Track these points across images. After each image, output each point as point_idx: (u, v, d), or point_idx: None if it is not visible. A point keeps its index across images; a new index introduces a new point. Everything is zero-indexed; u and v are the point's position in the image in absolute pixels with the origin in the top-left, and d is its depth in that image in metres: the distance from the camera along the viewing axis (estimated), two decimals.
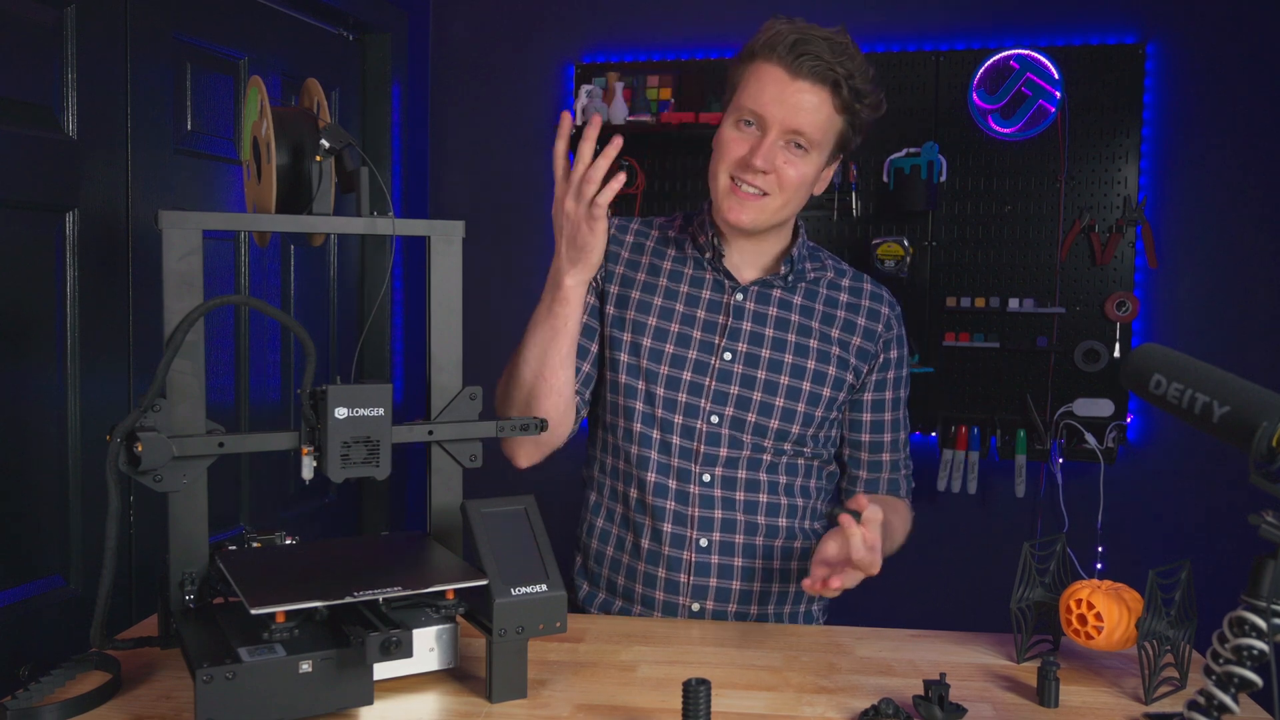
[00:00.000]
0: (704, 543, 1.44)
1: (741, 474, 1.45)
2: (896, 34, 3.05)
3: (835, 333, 1.48)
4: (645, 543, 1.46)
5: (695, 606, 1.44)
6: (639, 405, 1.46)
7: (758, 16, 1.42)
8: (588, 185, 1.23)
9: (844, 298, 1.50)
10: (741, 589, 1.44)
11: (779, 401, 1.44)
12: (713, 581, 1.44)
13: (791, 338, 1.46)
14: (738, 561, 1.44)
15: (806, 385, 1.45)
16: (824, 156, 1.39)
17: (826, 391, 1.46)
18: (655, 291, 1.48)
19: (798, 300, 1.48)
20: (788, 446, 1.45)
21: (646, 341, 1.46)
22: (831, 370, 1.46)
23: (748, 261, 1.48)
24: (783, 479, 1.47)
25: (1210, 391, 0.77)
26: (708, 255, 1.47)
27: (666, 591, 1.45)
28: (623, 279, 1.50)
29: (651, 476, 1.45)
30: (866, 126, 1.41)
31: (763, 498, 1.46)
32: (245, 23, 2.48)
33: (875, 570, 1.18)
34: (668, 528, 1.44)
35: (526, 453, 1.45)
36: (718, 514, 1.44)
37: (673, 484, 1.44)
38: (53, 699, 1.00)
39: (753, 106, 1.35)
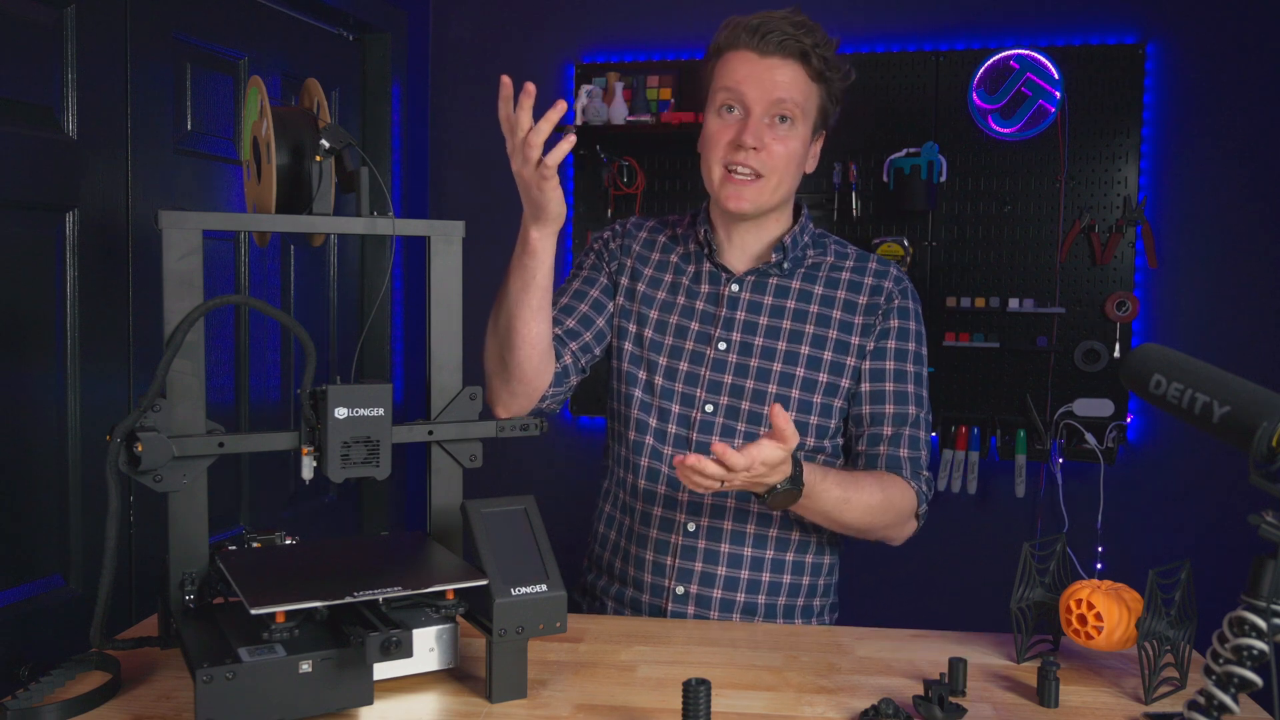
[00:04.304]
0: (691, 527, 1.45)
1: None
2: (896, 34, 3.05)
3: (836, 314, 1.47)
4: (637, 525, 1.49)
5: (680, 590, 1.46)
6: (639, 393, 1.50)
7: None
8: (530, 150, 1.20)
9: (846, 276, 1.50)
10: (727, 575, 1.45)
11: (773, 389, 1.45)
12: (698, 566, 1.45)
13: (786, 325, 1.47)
14: (724, 548, 1.45)
15: (801, 371, 1.45)
16: (808, 128, 1.43)
17: (823, 377, 1.46)
18: (660, 285, 1.53)
19: (796, 285, 1.49)
20: None
21: (648, 332, 1.50)
22: (828, 355, 1.46)
23: (743, 253, 1.51)
24: None
25: (1210, 391, 0.77)
26: (705, 250, 1.51)
27: (654, 574, 1.47)
28: (633, 272, 1.55)
29: (646, 461, 1.48)
30: (841, 96, 1.46)
31: None
32: (245, 23, 2.47)
33: (711, 487, 1.16)
34: (658, 511, 1.47)
35: (504, 403, 1.41)
36: (708, 500, 1.45)
37: (665, 469, 1.47)
38: (53, 699, 1.00)
39: (730, 86, 1.39)
